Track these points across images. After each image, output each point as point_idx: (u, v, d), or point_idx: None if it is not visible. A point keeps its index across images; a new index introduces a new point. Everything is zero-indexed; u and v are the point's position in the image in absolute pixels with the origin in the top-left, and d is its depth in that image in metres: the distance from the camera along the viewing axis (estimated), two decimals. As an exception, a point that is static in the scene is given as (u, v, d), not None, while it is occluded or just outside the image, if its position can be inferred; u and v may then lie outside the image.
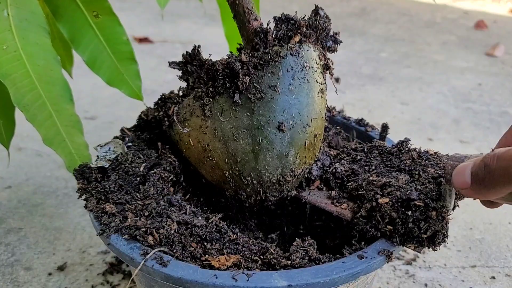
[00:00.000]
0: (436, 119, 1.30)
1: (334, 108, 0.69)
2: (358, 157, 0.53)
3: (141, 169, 0.50)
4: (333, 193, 0.50)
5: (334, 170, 0.52)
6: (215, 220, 0.46)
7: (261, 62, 0.45)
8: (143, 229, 0.42)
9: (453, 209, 0.44)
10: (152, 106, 0.60)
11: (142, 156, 0.52)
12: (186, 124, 0.49)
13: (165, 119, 0.52)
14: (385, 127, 0.62)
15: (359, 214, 0.46)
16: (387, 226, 0.44)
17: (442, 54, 1.87)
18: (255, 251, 0.43)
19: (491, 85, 1.57)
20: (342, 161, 0.53)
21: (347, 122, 0.66)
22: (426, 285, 0.70)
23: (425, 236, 0.42)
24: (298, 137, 0.47)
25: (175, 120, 0.50)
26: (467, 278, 0.72)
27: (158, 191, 0.47)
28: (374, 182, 0.46)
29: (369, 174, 0.49)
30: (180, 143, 0.51)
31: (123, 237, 0.42)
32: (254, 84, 0.45)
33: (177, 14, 2.32)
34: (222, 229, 0.45)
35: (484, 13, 2.60)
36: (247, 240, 0.44)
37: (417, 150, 0.52)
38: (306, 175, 0.52)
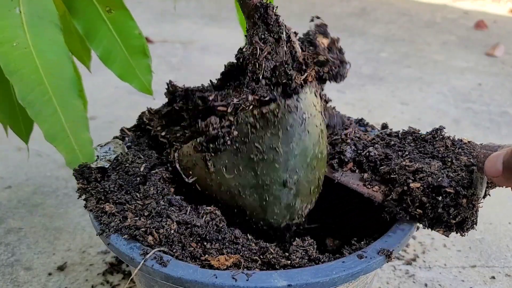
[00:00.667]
0: (436, 119, 1.30)
1: (334, 108, 0.69)
2: (392, 142, 0.54)
3: (142, 169, 0.50)
4: (366, 175, 0.51)
5: (367, 153, 0.52)
6: (215, 220, 0.46)
7: (259, 124, 0.44)
8: (143, 229, 0.42)
9: (484, 197, 0.45)
10: (152, 107, 0.60)
11: (142, 157, 0.52)
12: (190, 172, 0.49)
13: (168, 165, 0.51)
14: (385, 127, 0.62)
15: (390, 197, 0.47)
16: (417, 210, 0.45)
17: (442, 54, 1.87)
18: (254, 251, 0.43)
19: (491, 85, 1.57)
20: (376, 145, 0.54)
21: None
22: (426, 285, 0.70)
23: (454, 221, 0.43)
24: (304, 187, 0.48)
25: (178, 167, 0.50)
26: (467, 278, 0.72)
27: (158, 191, 0.47)
28: (406, 167, 0.47)
29: (402, 159, 0.49)
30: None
31: (123, 237, 0.42)
32: (255, 144, 0.45)
33: (177, 14, 2.32)
34: (222, 229, 0.45)
35: (484, 13, 2.60)
36: (247, 240, 0.44)
37: (451, 138, 0.52)
38: (339, 157, 0.53)
